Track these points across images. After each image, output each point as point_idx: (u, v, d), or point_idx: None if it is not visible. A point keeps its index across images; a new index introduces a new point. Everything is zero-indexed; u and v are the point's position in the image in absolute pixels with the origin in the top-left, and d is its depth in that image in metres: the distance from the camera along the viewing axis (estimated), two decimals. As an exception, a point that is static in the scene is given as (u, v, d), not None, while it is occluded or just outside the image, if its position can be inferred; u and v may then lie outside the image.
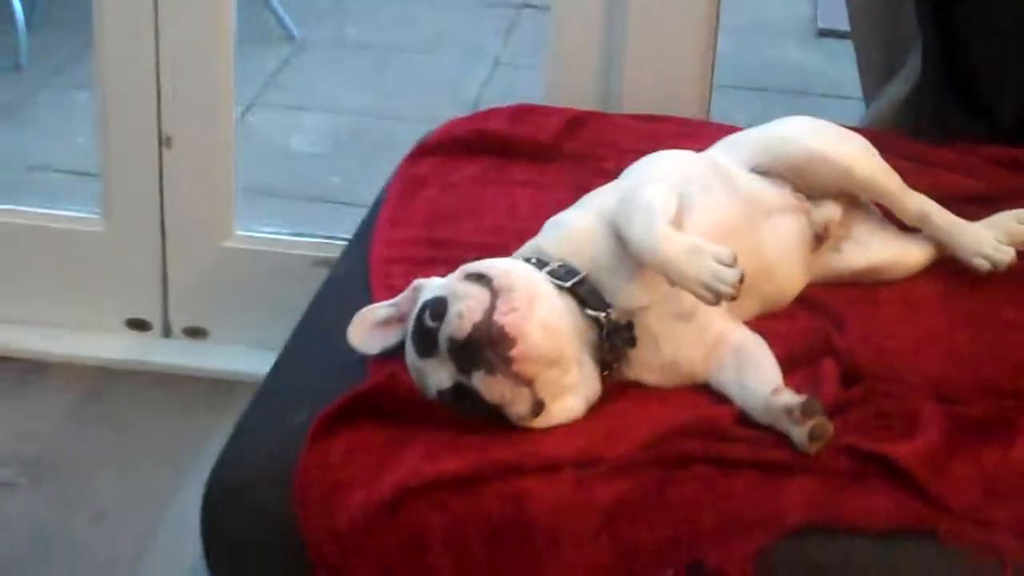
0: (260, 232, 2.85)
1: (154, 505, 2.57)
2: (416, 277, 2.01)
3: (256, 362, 2.64)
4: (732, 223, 1.93)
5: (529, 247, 1.89)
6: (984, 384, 1.85)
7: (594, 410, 1.79)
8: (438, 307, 1.74)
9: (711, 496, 1.68)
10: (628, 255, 1.80)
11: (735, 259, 1.73)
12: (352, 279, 2.09)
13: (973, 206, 2.21)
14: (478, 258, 1.91)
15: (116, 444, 2.72)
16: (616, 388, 1.82)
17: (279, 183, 3.94)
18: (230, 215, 2.80)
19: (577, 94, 2.62)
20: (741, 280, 1.73)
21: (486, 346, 1.70)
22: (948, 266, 2.11)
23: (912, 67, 2.50)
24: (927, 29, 2.45)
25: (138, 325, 2.88)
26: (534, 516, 1.66)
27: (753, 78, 4.58)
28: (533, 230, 2.02)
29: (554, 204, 2.19)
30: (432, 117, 4.19)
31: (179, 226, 2.80)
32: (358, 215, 2.39)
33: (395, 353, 1.83)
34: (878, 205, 2.13)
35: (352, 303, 1.95)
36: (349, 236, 2.33)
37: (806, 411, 1.71)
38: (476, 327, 1.70)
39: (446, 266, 2.03)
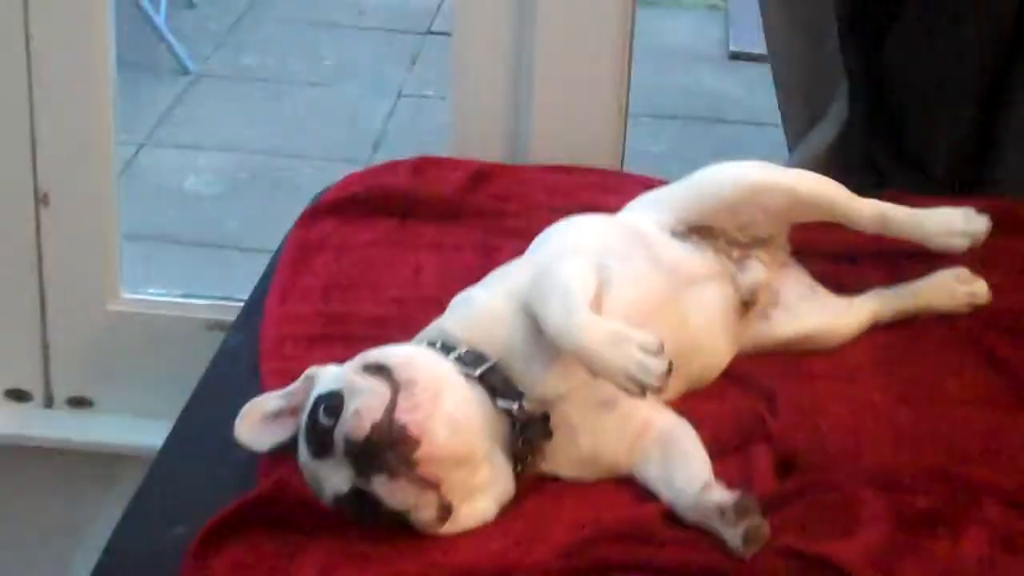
0: (148, 294, 2.66)
1: (39, 594, 2.39)
2: (311, 356, 1.87)
3: (146, 433, 2.48)
4: (655, 298, 1.78)
5: (434, 329, 1.73)
6: (929, 472, 1.70)
7: (508, 510, 1.63)
8: (333, 403, 1.58)
9: (638, 608, 1.52)
10: (543, 339, 1.64)
11: (662, 347, 1.58)
12: (242, 359, 1.92)
13: (907, 262, 2.07)
14: (376, 342, 1.76)
15: (-4, 526, 2.54)
16: (531, 483, 1.67)
17: (173, 228, 3.78)
18: (115, 276, 2.60)
19: (484, 142, 2.45)
20: (669, 371, 1.57)
21: (387, 448, 1.54)
22: (883, 332, 1.97)
23: (838, 110, 2.36)
24: (856, 71, 2.32)
25: (18, 396, 2.67)
26: (445, 636, 1.50)
27: (666, 105, 4.45)
28: (437, 300, 1.87)
29: (460, 269, 2.06)
30: (334, 154, 4.08)
31: (60, 289, 2.60)
32: (257, 262, 2.22)
33: (289, 449, 1.66)
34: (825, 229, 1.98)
35: (241, 390, 1.79)
36: (246, 294, 2.16)
37: (739, 510, 1.56)
38: (375, 427, 1.54)
39: (344, 344, 1.89)
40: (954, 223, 1.96)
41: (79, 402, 2.66)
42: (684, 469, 1.65)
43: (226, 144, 4.16)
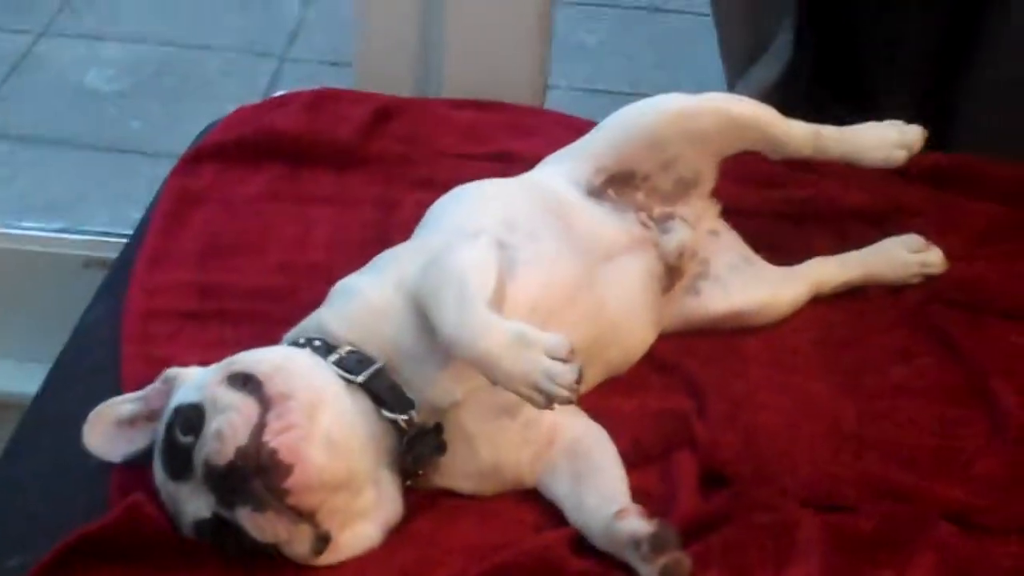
0: (20, 228, 2.41)
1: None
2: (181, 336, 1.68)
3: (20, 379, 2.28)
4: (567, 282, 1.56)
5: (312, 323, 1.51)
6: (874, 485, 1.51)
7: (395, 532, 1.43)
8: (192, 419, 1.37)
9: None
10: (436, 338, 1.43)
11: (572, 351, 1.37)
12: (103, 339, 1.69)
13: (856, 224, 1.87)
14: (253, 321, 1.57)
15: None
16: (422, 499, 1.46)
17: (71, 128, 3.50)
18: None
19: (391, 74, 2.20)
20: (579, 379, 1.37)
21: (253, 476, 1.33)
22: (825, 307, 1.77)
23: (780, 46, 2.13)
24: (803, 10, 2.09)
25: None
26: None
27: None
28: (327, 268, 1.69)
29: (356, 228, 1.87)
30: (247, 46, 3.80)
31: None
32: (162, 168, 1.99)
33: (145, 458, 1.45)
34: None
35: (98, 381, 1.57)
36: (131, 226, 1.93)
37: (656, 544, 1.37)
38: (240, 452, 1.33)
39: (218, 322, 1.70)
40: (889, 135, 1.78)
41: (-54, 345, 2.42)
42: (596, 488, 1.46)
43: (131, 36, 3.86)
